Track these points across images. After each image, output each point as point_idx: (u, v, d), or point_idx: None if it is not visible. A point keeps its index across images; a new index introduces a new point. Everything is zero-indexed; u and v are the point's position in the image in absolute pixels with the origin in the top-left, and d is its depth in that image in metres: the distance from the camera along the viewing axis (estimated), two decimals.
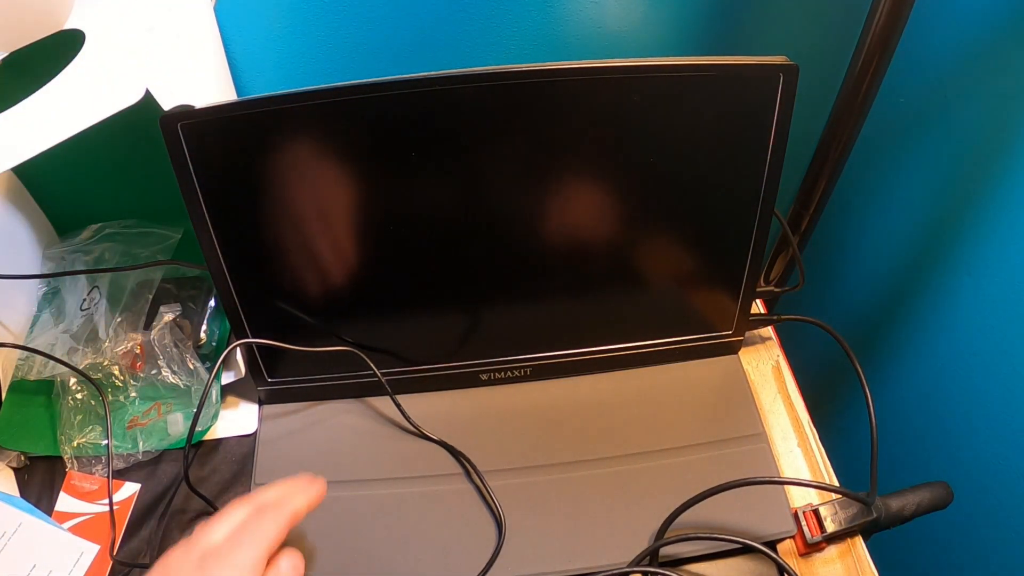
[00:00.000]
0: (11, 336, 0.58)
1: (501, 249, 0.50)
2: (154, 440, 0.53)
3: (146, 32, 0.47)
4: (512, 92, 0.43)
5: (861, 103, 0.53)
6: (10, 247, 0.59)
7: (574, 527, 0.49)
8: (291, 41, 0.57)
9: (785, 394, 0.58)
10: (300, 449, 0.54)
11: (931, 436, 0.68)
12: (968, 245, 0.60)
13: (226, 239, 0.47)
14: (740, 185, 0.48)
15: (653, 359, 0.58)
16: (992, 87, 0.56)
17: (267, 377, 0.55)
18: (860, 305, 0.77)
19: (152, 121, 0.42)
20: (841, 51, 0.54)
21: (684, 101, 0.44)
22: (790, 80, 0.43)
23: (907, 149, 0.67)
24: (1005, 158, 0.55)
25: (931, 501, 0.50)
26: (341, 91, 0.42)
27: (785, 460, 0.54)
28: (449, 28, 0.58)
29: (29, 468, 0.54)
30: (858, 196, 0.75)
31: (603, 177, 0.47)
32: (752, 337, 0.61)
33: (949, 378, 0.65)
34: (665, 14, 0.60)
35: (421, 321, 0.54)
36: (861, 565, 0.48)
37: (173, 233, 0.62)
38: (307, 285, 0.51)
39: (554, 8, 0.57)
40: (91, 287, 0.59)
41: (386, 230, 0.48)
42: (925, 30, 0.59)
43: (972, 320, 0.61)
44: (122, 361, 0.55)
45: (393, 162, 0.45)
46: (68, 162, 0.60)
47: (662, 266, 0.53)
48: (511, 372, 0.57)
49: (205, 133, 0.43)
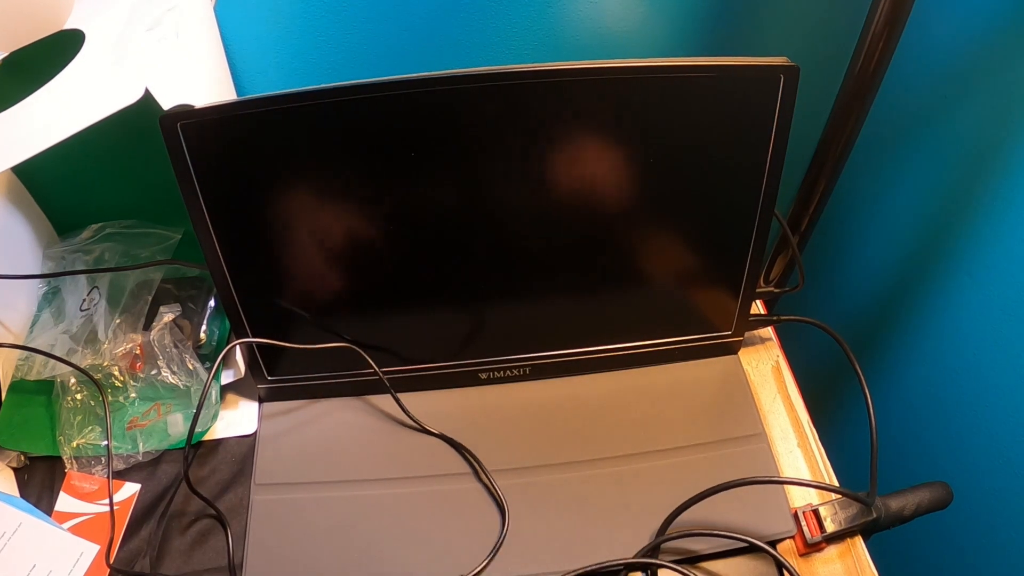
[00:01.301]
0: (11, 336, 0.58)
1: (501, 248, 0.50)
2: (154, 441, 0.53)
3: (146, 32, 0.47)
4: (512, 92, 0.43)
5: (861, 103, 0.53)
6: (10, 247, 0.59)
7: (574, 526, 0.49)
8: (291, 41, 0.57)
9: (785, 394, 0.58)
10: (300, 448, 0.54)
11: (931, 436, 0.68)
12: (968, 245, 0.60)
13: (226, 239, 0.47)
14: (740, 185, 0.48)
15: (653, 359, 0.58)
16: (992, 87, 0.56)
17: (267, 375, 0.55)
18: (860, 305, 0.77)
19: (152, 121, 0.42)
20: (841, 51, 0.54)
21: (684, 102, 0.44)
22: (791, 81, 0.43)
23: (907, 149, 0.67)
24: (1005, 158, 0.55)
25: (931, 501, 0.50)
26: (341, 91, 0.42)
27: (785, 460, 0.54)
28: (449, 28, 0.58)
29: (29, 468, 0.54)
30: (858, 196, 0.75)
31: (603, 177, 0.47)
32: (752, 337, 0.61)
33: (949, 378, 0.65)
34: (665, 14, 0.60)
35: (420, 320, 0.54)
36: (861, 565, 0.48)
37: (173, 233, 0.62)
38: (307, 284, 0.51)
39: (554, 8, 0.57)
40: (91, 287, 0.59)
41: (385, 229, 0.48)
42: (925, 30, 0.59)
43: (972, 320, 0.61)
44: (122, 362, 0.55)
45: (393, 162, 0.45)
46: (68, 162, 0.60)
47: (662, 266, 0.53)
48: (510, 371, 0.57)
49: (205, 133, 0.43)
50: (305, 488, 0.52)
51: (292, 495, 0.52)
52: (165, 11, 0.49)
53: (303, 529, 0.50)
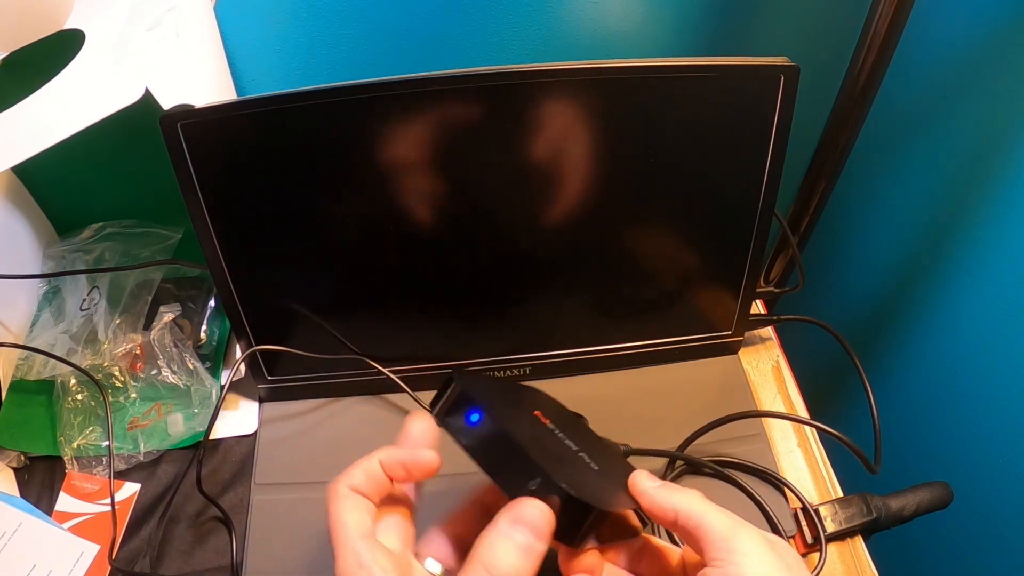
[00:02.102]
0: (11, 336, 0.58)
1: (502, 248, 0.50)
2: (155, 441, 0.53)
3: (146, 32, 0.47)
4: (512, 92, 0.43)
5: (861, 103, 0.53)
6: (10, 247, 0.59)
7: None
8: (291, 41, 0.57)
9: (785, 394, 0.58)
10: (301, 447, 0.54)
11: (931, 436, 0.68)
12: (968, 245, 0.60)
13: (226, 239, 0.47)
14: (740, 186, 0.48)
15: (653, 359, 0.58)
16: (992, 87, 0.56)
17: (267, 375, 0.55)
18: (860, 305, 0.77)
19: (152, 121, 0.42)
20: (841, 51, 0.54)
21: (684, 102, 0.44)
22: (791, 81, 0.43)
23: (907, 149, 0.67)
24: (1005, 158, 0.55)
25: (931, 501, 0.50)
26: (341, 91, 0.42)
27: (785, 460, 0.54)
28: (449, 28, 0.58)
29: (29, 468, 0.54)
30: (858, 196, 0.75)
31: (603, 177, 0.47)
32: (752, 337, 0.61)
33: (949, 378, 0.65)
34: (665, 14, 0.60)
35: (421, 320, 0.54)
36: (861, 565, 0.48)
37: (173, 233, 0.62)
38: (307, 284, 0.51)
39: (554, 8, 0.57)
40: (91, 287, 0.59)
41: (385, 229, 0.48)
42: (925, 30, 0.59)
43: (972, 320, 0.61)
44: (122, 362, 0.55)
45: (393, 161, 0.45)
46: (68, 162, 0.60)
47: (662, 266, 0.53)
48: (510, 371, 0.57)
49: (205, 133, 0.43)
50: (305, 488, 0.52)
51: (292, 495, 0.52)
52: (165, 11, 0.49)
53: (303, 529, 0.50)
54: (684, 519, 0.33)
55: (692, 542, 0.33)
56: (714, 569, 0.31)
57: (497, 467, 0.34)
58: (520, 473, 0.33)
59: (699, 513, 0.33)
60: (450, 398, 0.36)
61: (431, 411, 0.37)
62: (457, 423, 0.36)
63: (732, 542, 0.31)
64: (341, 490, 0.34)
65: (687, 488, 0.35)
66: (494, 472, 0.34)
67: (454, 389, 0.36)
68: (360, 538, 0.32)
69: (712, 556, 0.32)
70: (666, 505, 0.34)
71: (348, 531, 0.32)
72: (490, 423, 0.35)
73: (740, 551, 0.31)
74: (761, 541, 0.32)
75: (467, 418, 0.35)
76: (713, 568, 0.31)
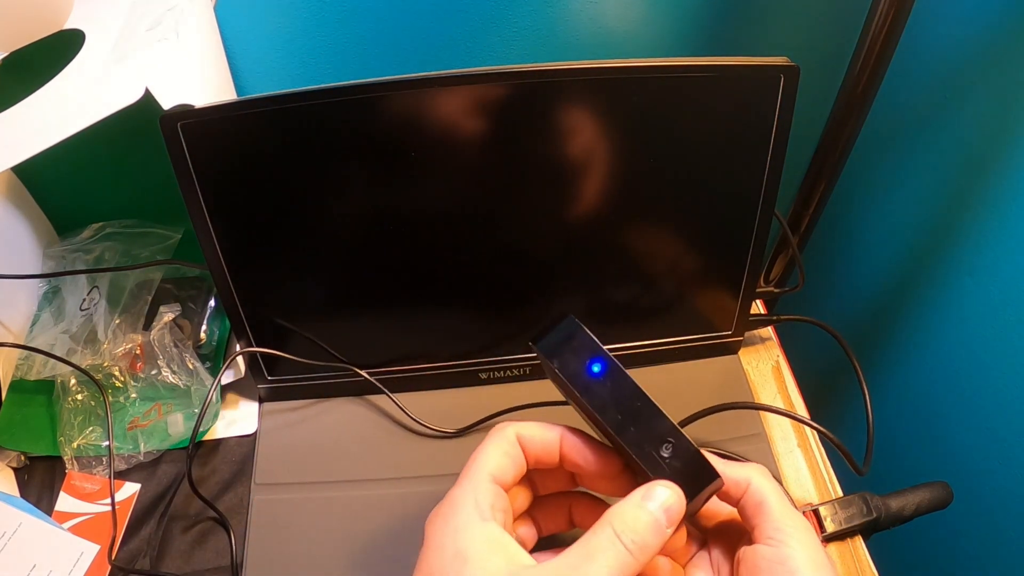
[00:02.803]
0: (11, 336, 0.58)
1: (502, 248, 0.50)
2: (155, 441, 0.53)
3: (146, 32, 0.47)
4: (512, 92, 0.43)
5: (861, 103, 0.53)
6: (10, 247, 0.59)
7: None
8: (291, 41, 0.57)
9: (785, 394, 0.58)
10: (301, 448, 0.54)
11: (931, 436, 0.68)
12: (969, 245, 0.60)
13: (226, 239, 0.47)
14: (740, 186, 0.48)
15: (653, 359, 0.58)
16: (992, 87, 0.56)
17: (267, 375, 0.55)
18: (860, 305, 0.77)
19: (152, 121, 0.42)
20: (841, 51, 0.54)
21: (684, 102, 0.44)
22: (791, 81, 0.43)
23: (907, 149, 0.67)
24: (1005, 158, 0.55)
25: (931, 501, 0.50)
26: (341, 91, 0.42)
27: (785, 460, 0.54)
28: (449, 28, 0.58)
29: (29, 468, 0.54)
30: (858, 196, 0.75)
31: (603, 177, 0.47)
32: (752, 337, 0.61)
33: (950, 378, 0.65)
34: (665, 14, 0.60)
35: (421, 319, 0.54)
36: (861, 565, 0.48)
37: (173, 233, 0.62)
38: (307, 284, 0.51)
39: (554, 8, 0.57)
40: (91, 287, 0.59)
41: (386, 229, 0.48)
42: (925, 30, 0.59)
43: (973, 320, 0.61)
44: (122, 362, 0.55)
45: (393, 161, 0.45)
46: (68, 162, 0.60)
47: (662, 266, 0.53)
48: (510, 371, 0.57)
49: (205, 133, 0.43)
50: (305, 488, 0.52)
51: (292, 495, 0.52)
52: (165, 11, 0.49)
53: (303, 529, 0.50)
54: (753, 493, 0.34)
55: (748, 516, 0.34)
56: (767, 548, 0.32)
57: (623, 426, 0.31)
58: (652, 433, 0.31)
59: (766, 491, 0.34)
60: (571, 343, 0.33)
61: (540, 352, 0.33)
62: (577, 372, 0.32)
63: (788, 526, 0.33)
64: (509, 434, 0.35)
65: (753, 462, 0.36)
66: (621, 431, 0.31)
67: (576, 333, 0.33)
68: (489, 480, 0.33)
69: (768, 536, 0.33)
70: (740, 478, 0.35)
71: (485, 468, 0.34)
72: (619, 376, 0.32)
73: (796, 537, 0.32)
74: (813, 532, 0.33)
75: (587, 368, 0.32)
76: (766, 547, 0.32)
